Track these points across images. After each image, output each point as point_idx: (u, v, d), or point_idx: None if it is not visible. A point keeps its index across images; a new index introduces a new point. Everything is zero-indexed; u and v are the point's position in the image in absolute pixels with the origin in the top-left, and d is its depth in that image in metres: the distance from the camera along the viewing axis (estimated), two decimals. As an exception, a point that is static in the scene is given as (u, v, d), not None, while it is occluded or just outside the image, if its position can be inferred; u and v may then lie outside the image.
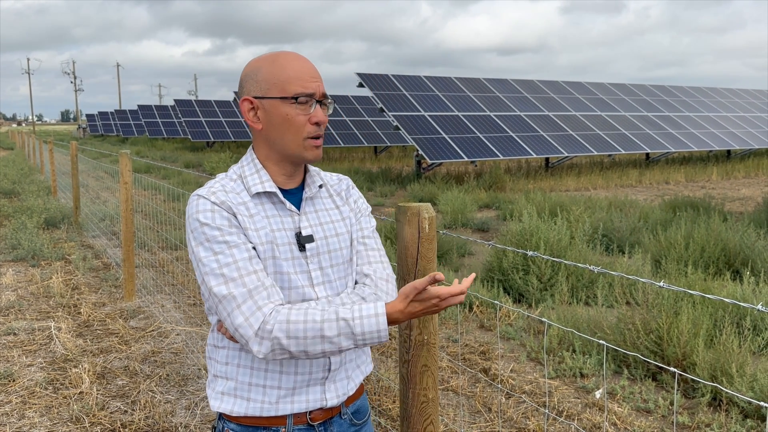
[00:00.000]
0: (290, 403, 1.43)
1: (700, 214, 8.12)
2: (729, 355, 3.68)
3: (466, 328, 4.92)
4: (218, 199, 1.38)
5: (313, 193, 1.50)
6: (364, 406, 1.60)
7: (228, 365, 1.46)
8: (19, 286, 6.10)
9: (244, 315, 1.31)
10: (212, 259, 1.34)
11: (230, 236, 1.35)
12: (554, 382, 3.89)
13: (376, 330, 1.31)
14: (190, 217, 1.39)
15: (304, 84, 1.40)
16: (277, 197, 1.44)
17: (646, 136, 19.61)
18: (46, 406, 3.57)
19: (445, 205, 10.29)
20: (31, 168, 19.57)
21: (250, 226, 1.39)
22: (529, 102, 19.73)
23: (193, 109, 35.17)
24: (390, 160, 24.74)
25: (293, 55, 1.45)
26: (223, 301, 1.33)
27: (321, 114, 1.42)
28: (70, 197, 11.55)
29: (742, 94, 26.48)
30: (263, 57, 1.46)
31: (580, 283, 5.61)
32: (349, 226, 1.53)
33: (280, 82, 1.40)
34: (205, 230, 1.35)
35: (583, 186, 15.34)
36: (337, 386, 1.48)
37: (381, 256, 1.54)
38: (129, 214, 5.69)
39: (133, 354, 4.36)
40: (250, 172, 1.46)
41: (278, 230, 1.42)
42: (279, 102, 1.40)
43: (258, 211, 1.42)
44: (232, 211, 1.38)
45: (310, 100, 1.41)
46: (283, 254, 1.41)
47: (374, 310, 1.31)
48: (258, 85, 1.43)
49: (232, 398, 1.44)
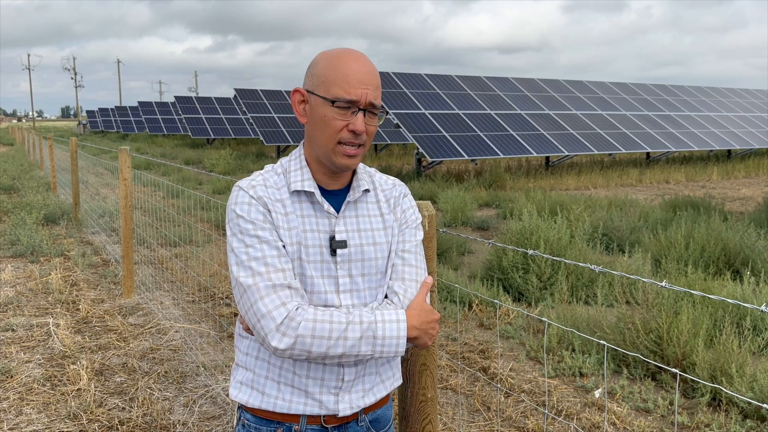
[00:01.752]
0: (303, 405, 1.42)
1: (700, 214, 8.10)
2: (729, 355, 3.67)
3: (465, 326, 4.91)
4: (256, 194, 1.38)
5: (357, 196, 1.45)
6: (386, 415, 1.56)
7: (248, 356, 1.46)
8: (17, 282, 6.09)
9: (267, 307, 1.30)
10: (242, 251, 1.34)
11: (263, 231, 1.35)
12: (553, 382, 3.88)
13: (396, 336, 1.32)
14: (229, 206, 1.40)
15: (349, 89, 1.35)
16: (316, 197, 1.41)
17: (646, 135, 19.59)
18: (43, 402, 3.56)
19: (445, 203, 10.28)
20: (30, 164, 19.55)
21: (283, 224, 1.37)
22: (529, 100, 19.71)
23: (194, 106, 35.14)
24: (390, 158, 24.72)
25: (354, 56, 1.38)
26: (247, 291, 1.32)
27: (361, 123, 1.36)
28: (69, 193, 11.54)
29: (743, 94, 26.45)
30: (328, 52, 1.41)
31: (579, 282, 5.60)
32: (390, 237, 1.47)
33: (328, 81, 1.36)
34: (240, 222, 1.36)
35: (584, 185, 15.32)
36: (352, 398, 1.44)
37: (417, 274, 1.46)
38: (128, 211, 5.68)
39: (131, 351, 4.35)
40: (294, 167, 1.44)
41: (310, 231, 1.39)
42: (321, 101, 1.37)
43: (294, 210, 1.40)
44: (268, 207, 1.37)
45: (351, 107, 1.36)
46: (311, 256, 1.38)
47: (396, 316, 1.33)
48: (312, 79, 1.40)
49: (249, 389, 1.45)
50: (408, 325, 1.34)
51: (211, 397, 3.64)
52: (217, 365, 4.08)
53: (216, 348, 4.39)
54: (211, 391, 3.71)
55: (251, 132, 33.62)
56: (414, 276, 1.45)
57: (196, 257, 7.00)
